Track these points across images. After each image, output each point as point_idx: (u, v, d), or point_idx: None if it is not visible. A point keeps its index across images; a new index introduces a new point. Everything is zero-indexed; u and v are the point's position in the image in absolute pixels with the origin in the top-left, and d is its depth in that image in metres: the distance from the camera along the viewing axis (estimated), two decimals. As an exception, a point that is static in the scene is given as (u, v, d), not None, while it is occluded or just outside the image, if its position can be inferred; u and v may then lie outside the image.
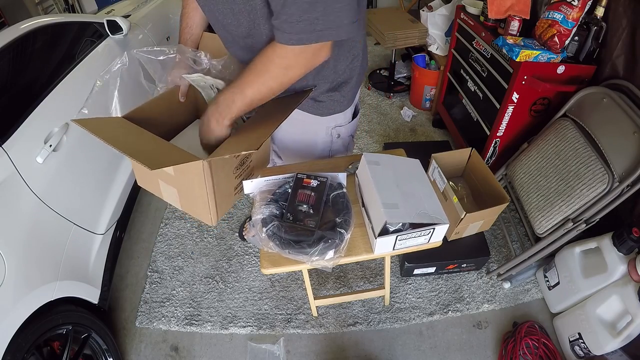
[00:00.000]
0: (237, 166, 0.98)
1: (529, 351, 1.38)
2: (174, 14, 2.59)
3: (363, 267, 1.73)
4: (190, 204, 0.97)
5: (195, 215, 1.00)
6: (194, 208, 0.97)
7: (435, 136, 2.48)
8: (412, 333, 1.53)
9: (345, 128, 1.14)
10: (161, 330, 1.56)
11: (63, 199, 1.34)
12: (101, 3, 3.89)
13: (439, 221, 0.91)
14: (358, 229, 1.01)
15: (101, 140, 0.77)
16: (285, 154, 1.24)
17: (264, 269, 0.96)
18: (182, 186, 0.93)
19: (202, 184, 0.86)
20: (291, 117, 1.07)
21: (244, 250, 1.82)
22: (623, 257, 1.25)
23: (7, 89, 1.41)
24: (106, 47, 1.83)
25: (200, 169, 0.82)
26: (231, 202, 1.02)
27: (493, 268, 1.68)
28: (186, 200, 0.97)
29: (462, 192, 1.77)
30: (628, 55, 1.38)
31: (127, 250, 1.85)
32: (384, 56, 3.28)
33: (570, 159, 1.39)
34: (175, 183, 0.93)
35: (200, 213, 0.96)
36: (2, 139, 1.19)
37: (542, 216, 1.42)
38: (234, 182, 0.99)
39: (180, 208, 1.00)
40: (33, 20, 1.64)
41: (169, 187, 0.96)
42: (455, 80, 2.18)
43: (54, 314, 1.16)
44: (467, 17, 1.89)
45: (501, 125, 1.71)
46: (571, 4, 1.37)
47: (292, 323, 1.55)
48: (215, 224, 0.99)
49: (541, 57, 1.46)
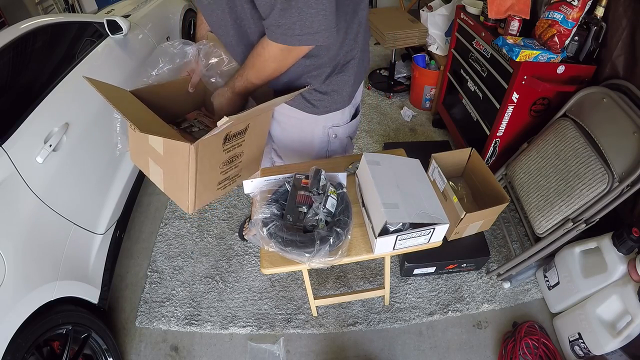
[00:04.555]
0: (225, 162, 0.98)
1: (528, 351, 1.38)
2: (174, 14, 2.59)
3: (363, 267, 1.73)
4: (172, 187, 0.98)
5: (174, 199, 1.02)
6: (175, 192, 0.98)
7: (435, 136, 2.48)
8: (412, 333, 1.53)
9: (343, 128, 1.13)
10: (161, 330, 1.56)
11: (63, 199, 1.34)
12: (101, 3, 3.89)
13: (439, 221, 0.91)
14: (358, 229, 1.01)
15: (105, 99, 0.82)
16: (285, 153, 1.25)
17: (264, 268, 0.96)
18: (168, 167, 0.95)
19: (186, 167, 0.87)
20: (289, 116, 1.09)
21: (244, 250, 1.82)
22: (623, 257, 1.25)
23: (7, 88, 1.41)
24: (106, 47, 1.83)
25: (186, 151, 0.84)
26: (212, 195, 1.02)
27: (493, 268, 1.68)
28: (169, 183, 0.98)
29: (462, 192, 1.77)
30: (628, 55, 1.38)
31: (127, 250, 1.85)
32: (384, 56, 3.28)
33: (570, 158, 1.39)
34: (163, 163, 0.95)
35: (179, 198, 0.98)
36: (2, 139, 1.19)
37: (542, 216, 1.42)
38: (218, 176, 0.99)
39: (163, 190, 1.02)
40: (33, 20, 1.64)
41: (157, 167, 0.98)
42: (455, 80, 2.18)
43: (53, 313, 1.16)
44: (467, 17, 1.89)
45: (501, 125, 1.71)
46: (571, 4, 1.37)
47: (292, 323, 1.55)
48: (191, 212, 1.01)
49: (541, 57, 1.46)
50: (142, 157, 1.02)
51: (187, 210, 0.97)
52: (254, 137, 1.02)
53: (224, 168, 0.99)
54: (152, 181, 1.04)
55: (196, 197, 0.94)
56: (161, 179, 0.99)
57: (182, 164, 0.88)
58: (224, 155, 0.96)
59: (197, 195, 0.94)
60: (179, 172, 0.91)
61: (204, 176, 0.93)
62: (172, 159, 0.91)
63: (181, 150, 0.85)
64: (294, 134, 1.15)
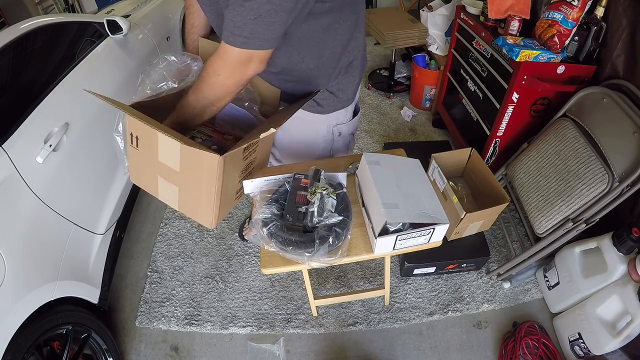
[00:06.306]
0: (243, 169, 0.97)
1: (528, 351, 1.38)
2: (174, 14, 2.59)
3: (363, 267, 1.73)
4: (191, 204, 0.94)
5: (193, 217, 0.97)
6: (194, 208, 0.94)
7: (435, 136, 2.48)
8: (412, 333, 1.53)
9: (347, 126, 1.15)
10: (161, 330, 1.56)
11: (63, 198, 1.34)
12: (101, 3, 3.88)
13: (439, 221, 0.91)
14: (358, 229, 1.01)
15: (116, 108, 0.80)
16: (285, 155, 1.24)
17: (264, 268, 0.96)
18: (186, 183, 0.90)
19: (213, 180, 0.83)
20: (293, 117, 1.08)
21: (244, 250, 1.82)
22: (623, 257, 1.25)
23: (7, 88, 1.41)
24: (106, 47, 1.83)
25: (215, 163, 0.80)
26: (230, 206, 1.00)
27: (493, 268, 1.68)
28: (187, 200, 0.94)
29: (462, 192, 1.77)
30: (628, 55, 1.38)
31: (127, 250, 1.85)
32: (384, 56, 3.28)
33: (570, 158, 1.39)
34: (178, 179, 0.90)
35: (200, 214, 0.94)
36: (2, 139, 1.19)
37: (542, 216, 1.42)
38: (237, 185, 0.98)
39: (177, 208, 0.97)
40: (33, 20, 1.64)
41: (169, 184, 0.93)
42: (455, 80, 2.18)
43: (53, 313, 1.16)
44: (467, 17, 1.89)
45: (501, 125, 1.71)
46: (571, 4, 1.37)
47: (292, 323, 1.55)
48: (214, 227, 0.97)
49: (541, 57, 1.46)
50: (147, 176, 0.97)
51: (209, 225, 0.93)
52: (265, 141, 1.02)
53: (241, 176, 0.98)
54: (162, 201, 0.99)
55: (220, 209, 0.91)
56: (175, 196, 0.94)
57: (207, 177, 0.83)
58: (243, 164, 0.95)
59: (221, 207, 0.91)
60: (202, 187, 0.87)
61: (228, 187, 0.90)
62: (192, 173, 0.86)
63: (208, 161, 0.80)
64: (297, 135, 1.15)
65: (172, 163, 0.87)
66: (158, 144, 0.86)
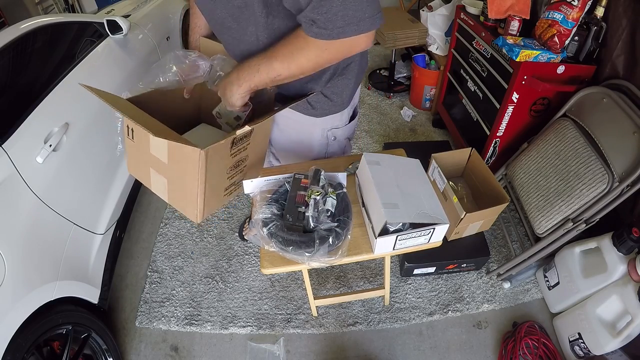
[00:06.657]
0: (232, 167, 0.97)
1: (528, 351, 1.38)
2: (174, 14, 2.59)
3: (363, 267, 1.73)
4: (178, 197, 0.95)
5: (180, 210, 0.98)
6: (181, 201, 0.95)
7: (435, 136, 2.48)
8: (412, 333, 1.53)
9: (342, 130, 1.13)
10: (161, 330, 1.56)
11: (63, 198, 1.34)
12: (101, 3, 3.88)
13: (439, 221, 0.91)
14: (358, 229, 1.01)
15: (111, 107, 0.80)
16: (283, 155, 1.24)
17: (264, 268, 0.96)
18: (173, 176, 0.91)
19: (195, 174, 0.84)
20: (287, 118, 1.08)
21: (244, 250, 1.82)
22: (623, 257, 1.25)
23: (7, 88, 1.41)
24: (106, 47, 1.83)
25: (196, 156, 0.80)
26: (219, 203, 1.00)
27: (493, 268, 1.68)
28: (174, 193, 0.95)
29: (462, 192, 1.77)
30: (628, 55, 1.38)
31: (127, 250, 1.85)
32: (384, 56, 3.28)
33: (570, 159, 1.39)
34: (167, 172, 0.92)
35: (186, 207, 0.94)
36: (2, 139, 1.19)
37: (542, 216, 1.42)
38: (225, 182, 0.98)
39: (167, 200, 0.99)
40: (33, 20, 1.64)
41: (159, 176, 0.94)
42: (455, 80, 2.18)
43: (53, 313, 1.16)
44: (467, 17, 1.89)
45: (501, 125, 1.71)
46: (571, 4, 1.37)
47: (292, 323, 1.55)
48: (199, 222, 0.98)
49: (541, 57, 1.46)
50: (141, 167, 0.98)
51: (195, 220, 0.93)
52: (258, 140, 1.01)
53: (230, 173, 0.97)
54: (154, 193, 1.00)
55: (205, 205, 0.91)
56: (165, 189, 0.95)
57: (190, 171, 0.84)
58: (231, 160, 0.95)
59: (206, 203, 0.91)
60: (186, 180, 0.88)
61: (213, 183, 0.90)
62: (178, 166, 0.88)
63: (191, 155, 0.81)
64: (292, 136, 1.15)
65: (162, 155, 0.89)
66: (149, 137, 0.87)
